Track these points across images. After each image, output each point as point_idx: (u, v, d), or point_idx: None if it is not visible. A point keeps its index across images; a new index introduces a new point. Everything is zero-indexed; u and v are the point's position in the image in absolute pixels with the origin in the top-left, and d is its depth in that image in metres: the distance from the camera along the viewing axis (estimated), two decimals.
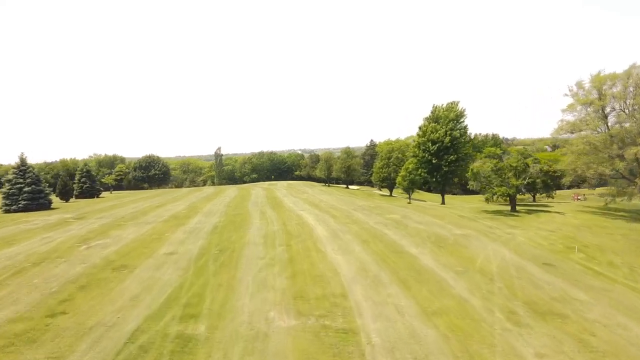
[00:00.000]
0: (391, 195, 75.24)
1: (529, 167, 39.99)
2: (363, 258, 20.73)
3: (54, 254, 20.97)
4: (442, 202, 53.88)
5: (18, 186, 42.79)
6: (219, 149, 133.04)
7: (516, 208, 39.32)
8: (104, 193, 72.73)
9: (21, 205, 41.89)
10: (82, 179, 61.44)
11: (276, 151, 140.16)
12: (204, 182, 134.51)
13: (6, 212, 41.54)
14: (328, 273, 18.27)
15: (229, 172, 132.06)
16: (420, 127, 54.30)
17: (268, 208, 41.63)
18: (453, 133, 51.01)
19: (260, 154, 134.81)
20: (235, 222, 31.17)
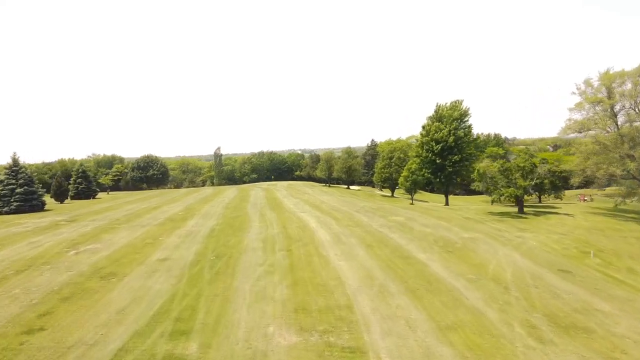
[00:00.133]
0: (393, 195, 74.06)
1: (537, 168, 38.77)
2: (368, 264, 19.53)
3: (40, 260, 19.74)
4: (446, 203, 52.64)
5: (10, 187, 41.50)
6: (219, 149, 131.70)
7: (524, 210, 38.09)
8: (101, 194, 71.49)
9: (13, 206, 40.60)
10: (78, 180, 60.10)
11: (276, 151, 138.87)
12: (204, 183, 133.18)
13: None
14: (331, 281, 17.07)
15: (229, 172, 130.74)
16: (423, 127, 53.02)
17: (268, 210, 40.41)
18: (457, 132, 49.78)
19: (260, 154, 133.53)
20: (233, 225, 29.95)
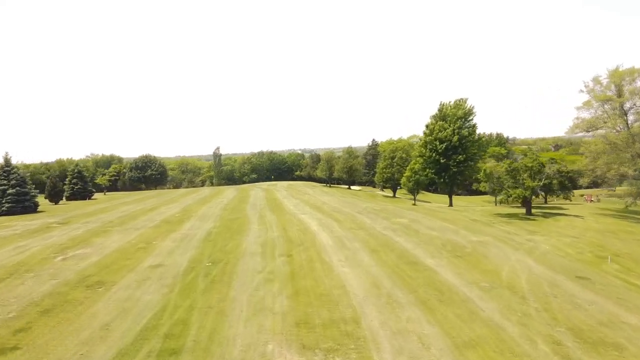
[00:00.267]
0: (394, 196, 72.86)
1: (544, 168, 37.56)
2: (374, 271, 18.32)
3: (24, 267, 18.53)
4: (450, 204, 51.43)
5: (1, 188, 40.27)
6: (218, 149, 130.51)
7: (531, 211, 36.89)
8: (97, 194, 70.29)
9: (4, 208, 39.37)
10: (74, 180, 58.87)
11: (276, 151, 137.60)
12: (203, 183, 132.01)
13: None
14: (335, 290, 15.86)
15: (228, 172, 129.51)
16: (427, 126, 51.78)
17: (267, 211, 39.20)
18: (461, 132, 48.56)
19: (259, 154, 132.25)
20: (231, 228, 28.73)
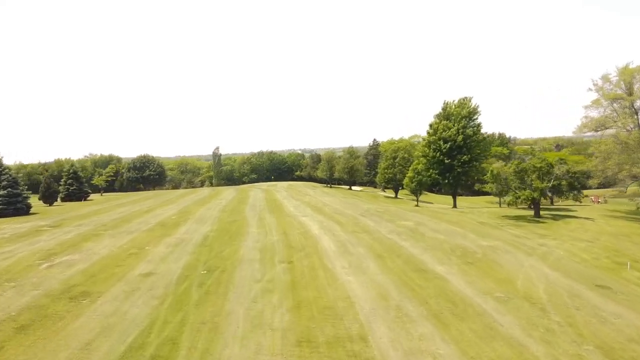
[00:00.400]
0: (396, 197, 71.70)
1: (553, 168, 36.35)
2: (380, 280, 17.11)
3: (6, 276, 17.30)
4: (454, 206, 50.21)
5: None
6: (217, 149, 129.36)
7: (540, 213, 35.68)
8: (94, 195, 69.10)
9: None
10: (69, 181, 57.63)
11: (276, 151, 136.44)
12: (202, 183, 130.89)
13: None
14: (340, 302, 14.65)
15: (228, 173, 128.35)
16: (430, 125, 50.57)
17: (267, 213, 37.99)
18: (466, 131, 47.34)
19: (259, 154, 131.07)
20: (229, 232, 27.52)
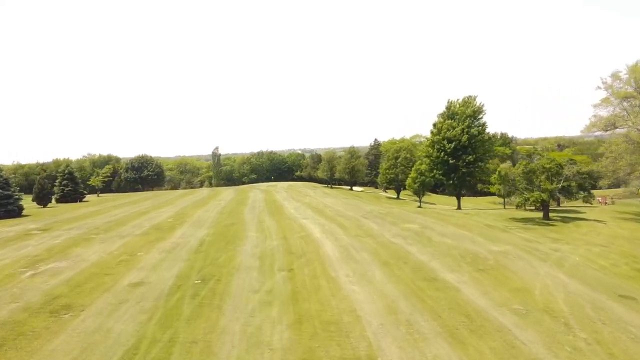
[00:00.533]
0: (398, 197, 70.52)
1: (563, 169, 35.16)
2: (388, 290, 15.90)
3: None
4: (458, 207, 49.01)
5: None
6: (217, 149, 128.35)
7: (549, 215, 34.48)
8: (90, 196, 67.89)
9: None
10: (64, 182, 56.42)
11: (276, 151, 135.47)
12: (201, 183, 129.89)
13: None
14: (345, 316, 13.45)
15: (227, 173, 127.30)
16: (434, 124, 49.37)
17: (266, 215, 36.80)
18: (471, 131, 46.14)
19: (259, 154, 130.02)
20: (226, 236, 26.30)
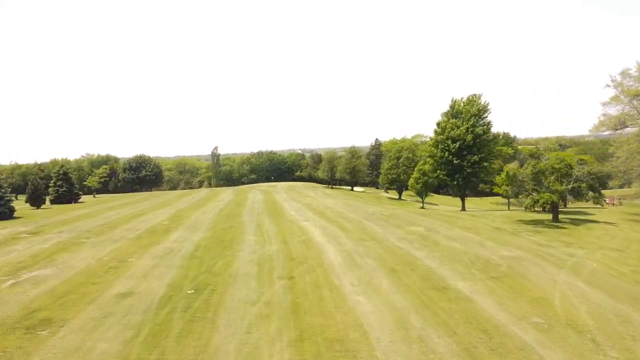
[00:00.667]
0: (400, 198, 69.37)
1: (572, 170, 33.98)
2: (397, 301, 14.69)
3: None
4: (463, 208, 47.84)
5: None
6: (216, 149, 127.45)
7: (558, 217, 33.32)
8: (86, 197, 66.68)
9: None
10: (59, 182, 55.19)
11: (276, 151, 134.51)
12: (200, 184, 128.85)
13: None
14: (351, 332, 12.23)
15: (227, 173, 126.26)
16: (438, 124, 48.22)
17: (266, 217, 35.61)
18: (476, 130, 44.99)
19: (259, 154, 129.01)
20: (223, 240, 25.10)
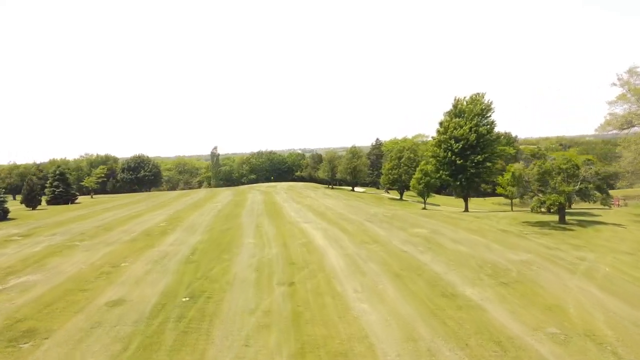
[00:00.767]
0: (401, 199, 68.50)
1: (579, 170, 33.13)
2: (403, 310, 13.87)
3: None
4: (466, 209, 47.02)
5: None
6: (216, 149, 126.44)
7: (565, 219, 32.48)
8: (84, 197, 65.85)
9: None
10: (55, 183, 54.38)
11: (276, 151, 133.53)
12: (200, 184, 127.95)
13: None
14: (356, 345, 11.42)
15: (227, 173, 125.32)
16: (440, 123, 47.37)
17: (265, 219, 34.79)
18: (479, 129, 44.15)
19: (259, 154, 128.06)
20: (221, 243, 24.28)
